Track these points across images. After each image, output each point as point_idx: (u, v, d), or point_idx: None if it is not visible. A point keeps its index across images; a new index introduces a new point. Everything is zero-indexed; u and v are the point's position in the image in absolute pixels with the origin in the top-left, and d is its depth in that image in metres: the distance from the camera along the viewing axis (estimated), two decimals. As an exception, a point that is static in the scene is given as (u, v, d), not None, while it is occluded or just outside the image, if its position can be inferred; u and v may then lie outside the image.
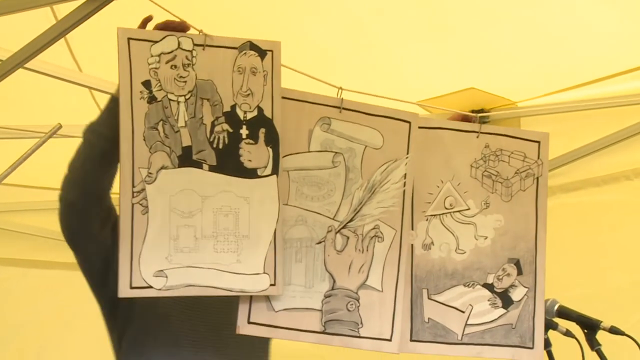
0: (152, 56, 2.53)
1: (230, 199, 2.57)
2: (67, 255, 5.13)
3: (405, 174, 2.75)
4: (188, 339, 2.71)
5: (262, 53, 2.62)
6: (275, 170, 2.62)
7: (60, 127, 3.14)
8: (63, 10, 2.88)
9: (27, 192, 4.72)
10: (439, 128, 2.83)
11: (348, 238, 2.68)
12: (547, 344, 2.93)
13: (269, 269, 2.60)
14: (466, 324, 2.80)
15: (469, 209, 2.83)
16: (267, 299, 2.60)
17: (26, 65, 3.15)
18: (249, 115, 2.61)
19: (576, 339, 2.89)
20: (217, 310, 2.74)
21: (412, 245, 2.77)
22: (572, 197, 4.07)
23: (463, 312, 2.80)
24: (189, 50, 2.56)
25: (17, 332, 4.91)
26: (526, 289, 2.86)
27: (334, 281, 2.65)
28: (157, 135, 2.53)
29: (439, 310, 2.77)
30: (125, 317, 2.73)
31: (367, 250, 2.68)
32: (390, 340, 2.69)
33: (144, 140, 2.51)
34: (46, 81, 3.54)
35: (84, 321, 5.16)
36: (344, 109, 2.70)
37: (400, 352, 2.72)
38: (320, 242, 2.67)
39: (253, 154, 2.60)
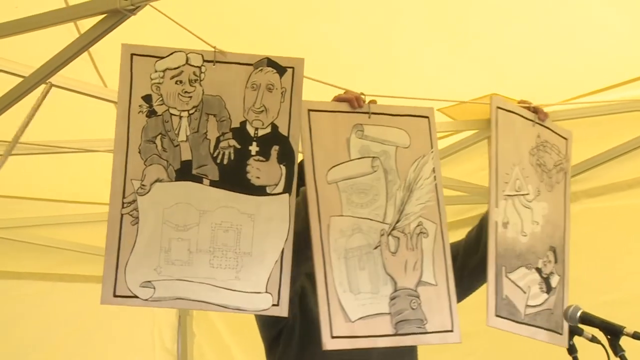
0: (155, 71, 2.53)
1: (231, 215, 2.51)
2: (94, 268, 5.18)
3: (434, 168, 2.76)
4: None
5: (281, 70, 2.58)
6: (288, 189, 2.55)
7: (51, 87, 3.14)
8: (87, 25, 2.91)
9: (53, 206, 4.75)
10: (512, 112, 2.91)
11: (399, 239, 2.71)
12: (573, 350, 2.88)
13: (272, 288, 2.52)
14: (526, 305, 2.87)
15: (529, 194, 2.90)
16: (344, 311, 2.58)
17: (50, 81, 3.20)
18: (261, 132, 2.56)
19: (602, 344, 2.82)
20: None
21: (496, 222, 2.82)
22: (597, 202, 3.93)
23: (525, 292, 2.88)
24: (197, 66, 2.55)
25: (42, 344, 4.84)
26: (559, 277, 2.95)
27: (395, 283, 2.68)
28: (154, 148, 2.51)
29: (512, 289, 2.83)
30: (286, 345, 2.87)
31: (416, 247, 2.73)
32: (452, 331, 2.72)
33: (139, 152, 2.51)
34: (71, 97, 3.58)
35: (111, 333, 5.18)
36: (372, 113, 2.73)
37: (488, 326, 2.77)
38: (376, 247, 2.67)
39: (262, 170, 2.55)
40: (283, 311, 2.54)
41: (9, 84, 3.10)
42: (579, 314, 2.81)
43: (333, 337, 2.57)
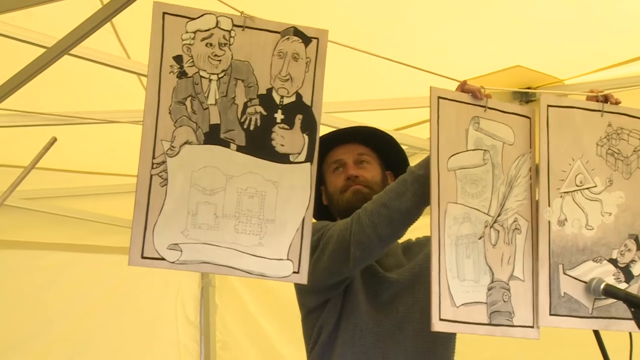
0: (187, 32, 2.52)
1: (256, 181, 2.53)
2: (119, 239, 5.22)
3: (531, 167, 2.83)
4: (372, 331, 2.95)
5: (306, 40, 2.60)
6: (309, 158, 2.58)
7: (55, 140, 3.15)
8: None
9: (78, 178, 4.78)
10: (569, 107, 2.90)
11: (498, 232, 2.77)
12: None
13: (293, 255, 2.55)
14: (596, 298, 2.87)
15: (596, 186, 2.91)
16: (451, 295, 2.65)
17: (73, 52, 3.19)
18: (286, 100, 2.58)
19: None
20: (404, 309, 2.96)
21: (549, 221, 2.84)
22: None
23: None
24: (227, 30, 2.55)
25: (66, 315, 4.91)
26: None
27: (493, 274, 2.75)
28: (184, 110, 2.51)
29: (573, 285, 2.85)
30: (330, 314, 2.96)
31: (511, 242, 2.79)
32: (533, 327, 2.79)
33: (170, 113, 2.50)
34: (94, 68, 3.59)
35: (134, 306, 5.23)
36: (488, 108, 2.78)
37: (541, 326, 2.81)
38: (480, 238, 2.74)
39: (286, 138, 2.57)
40: (303, 278, 2.58)
41: (31, 55, 3.10)
42: (602, 286, 2.84)
43: (441, 320, 2.65)
